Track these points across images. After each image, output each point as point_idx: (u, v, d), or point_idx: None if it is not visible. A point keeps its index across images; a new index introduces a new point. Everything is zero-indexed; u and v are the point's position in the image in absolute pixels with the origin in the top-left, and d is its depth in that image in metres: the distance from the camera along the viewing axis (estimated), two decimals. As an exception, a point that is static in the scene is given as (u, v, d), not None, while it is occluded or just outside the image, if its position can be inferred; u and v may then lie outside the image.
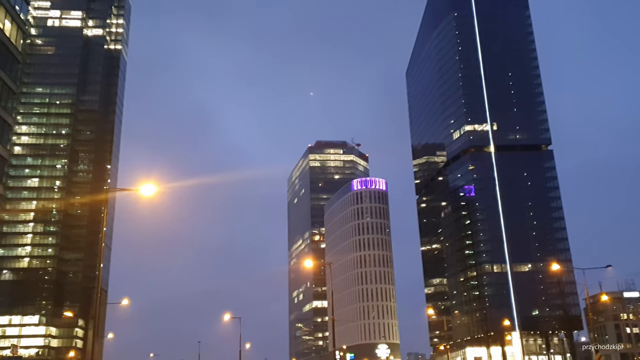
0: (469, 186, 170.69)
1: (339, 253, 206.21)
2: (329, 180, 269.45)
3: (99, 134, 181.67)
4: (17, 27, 66.77)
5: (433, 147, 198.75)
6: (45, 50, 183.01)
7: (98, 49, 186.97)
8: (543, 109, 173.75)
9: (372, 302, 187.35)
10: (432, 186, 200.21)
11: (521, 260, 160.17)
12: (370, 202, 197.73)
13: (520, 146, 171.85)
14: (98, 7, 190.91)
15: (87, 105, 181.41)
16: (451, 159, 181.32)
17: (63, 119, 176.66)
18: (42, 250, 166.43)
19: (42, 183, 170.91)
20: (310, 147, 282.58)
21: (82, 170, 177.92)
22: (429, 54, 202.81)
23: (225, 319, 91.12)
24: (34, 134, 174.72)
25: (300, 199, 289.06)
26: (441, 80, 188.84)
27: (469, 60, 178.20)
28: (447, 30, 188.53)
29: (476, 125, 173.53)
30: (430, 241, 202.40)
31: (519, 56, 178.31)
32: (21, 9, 68.10)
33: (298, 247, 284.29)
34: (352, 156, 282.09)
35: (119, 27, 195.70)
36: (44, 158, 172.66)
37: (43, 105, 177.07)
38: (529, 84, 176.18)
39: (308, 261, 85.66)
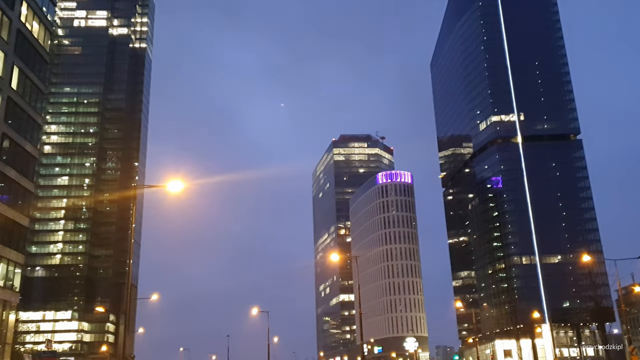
0: (496, 178, 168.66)
1: (365, 247, 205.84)
2: (353, 174, 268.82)
3: (126, 132, 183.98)
4: (45, 28, 67.80)
5: (459, 138, 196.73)
6: (72, 50, 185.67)
7: (123, 47, 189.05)
8: (571, 98, 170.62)
9: (400, 296, 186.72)
10: (458, 178, 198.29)
11: (550, 252, 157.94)
12: (396, 195, 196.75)
13: (548, 136, 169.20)
14: (123, 7, 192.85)
15: (114, 103, 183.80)
16: (478, 150, 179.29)
17: (91, 117, 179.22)
18: (73, 247, 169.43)
19: (71, 181, 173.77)
20: (334, 141, 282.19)
21: (110, 168, 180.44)
22: (454, 45, 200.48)
23: (253, 313, 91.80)
24: (62, 133, 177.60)
25: (325, 193, 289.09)
26: (466, 70, 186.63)
27: (494, 49, 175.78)
28: (471, 20, 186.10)
29: (503, 116, 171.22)
30: (457, 234, 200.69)
31: (545, 44, 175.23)
32: (48, 10, 69.12)
33: (324, 241, 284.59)
34: (377, 149, 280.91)
35: (143, 26, 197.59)
36: (73, 156, 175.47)
37: (71, 104, 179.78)
38: (557, 73, 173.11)
39: (334, 255, 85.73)
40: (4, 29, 58.39)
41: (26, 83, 62.83)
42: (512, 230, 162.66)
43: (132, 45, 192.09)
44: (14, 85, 60.15)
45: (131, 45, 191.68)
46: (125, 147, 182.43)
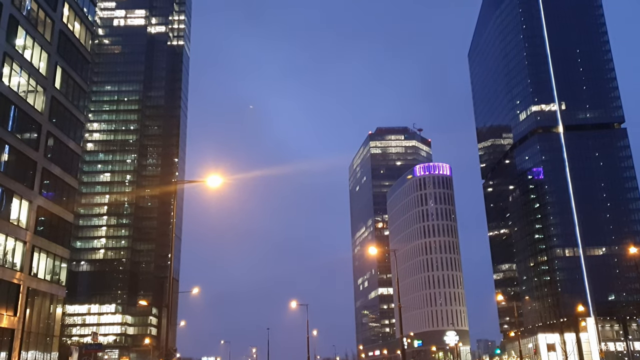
0: (537, 168, 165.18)
1: (403, 240, 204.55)
2: (390, 166, 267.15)
3: (165, 128, 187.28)
4: (86, 28, 69.29)
5: (499, 129, 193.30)
6: (112, 49, 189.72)
7: (161, 45, 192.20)
8: (615, 86, 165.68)
9: (440, 289, 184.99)
10: (498, 170, 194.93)
11: (595, 244, 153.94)
12: (434, 187, 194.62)
13: (591, 125, 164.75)
14: (160, 5, 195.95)
15: (154, 101, 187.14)
16: (518, 141, 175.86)
17: (131, 115, 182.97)
18: (116, 242, 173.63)
19: (113, 177, 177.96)
20: (370, 134, 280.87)
21: (151, 164, 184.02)
22: (492, 34, 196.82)
23: (292, 306, 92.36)
24: (104, 131, 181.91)
25: (362, 186, 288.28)
26: (505, 60, 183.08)
27: (533, 38, 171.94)
28: (510, 8, 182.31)
29: (543, 105, 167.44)
30: (498, 226, 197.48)
31: (586, 31, 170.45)
32: (89, 10, 70.59)
33: (361, 234, 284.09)
34: (414, 142, 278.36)
35: (180, 24, 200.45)
36: (115, 153, 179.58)
37: (112, 102, 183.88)
38: (599, 60, 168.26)
39: (372, 248, 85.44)
40: (47, 30, 59.91)
41: (69, 82, 64.37)
42: (555, 222, 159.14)
43: (170, 43, 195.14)
44: (58, 84, 61.70)
45: (169, 43, 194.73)
46: (165, 143, 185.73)
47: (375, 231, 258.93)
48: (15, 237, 52.46)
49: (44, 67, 58.97)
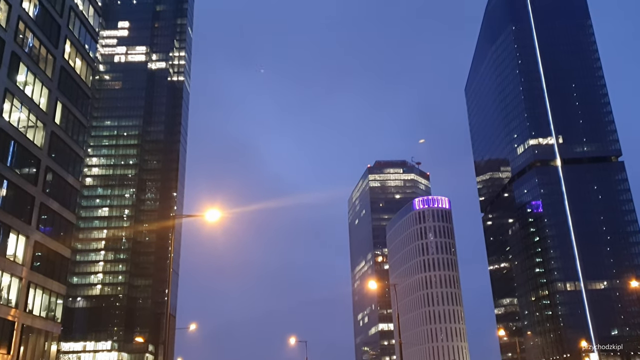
0: (536, 202, 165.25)
1: (403, 274, 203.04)
2: (389, 200, 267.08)
3: (164, 162, 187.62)
4: (87, 64, 69.98)
5: (497, 162, 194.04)
6: (112, 84, 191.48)
7: (162, 81, 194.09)
8: (611, 120, 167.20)
9: (440, 325, 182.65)
10: (497, 203, 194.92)
11: (596, 278, 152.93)
12: (434, 221, 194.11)
13: (589, 159, 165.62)
14: (161, 42, 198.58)
15: (153, 135, 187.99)
16: (516, 174, 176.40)
17: (131, 149, 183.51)
18: (113, 277, 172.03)
19: (112, 212, 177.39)
20: (369, 168, 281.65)
21: (149, 199, 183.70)
22: (488, 69, 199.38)
23: (291, 342, 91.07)
24: (103, 165, 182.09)
25: (361, 220, 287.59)
26: (502, 94, 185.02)
27: (529, 72, 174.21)
28: (505, 43, 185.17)
29: (541, 139, 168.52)
30: (498, 260, 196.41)
31: (582, 66, 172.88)
32: (90, 47, 71.40)
33: (361, 268, 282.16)
34: (413, 175, 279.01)
35: (181, 60, 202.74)
36: (114, 188, 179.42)
37: (112, 137, 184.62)
38: (594, 94, 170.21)
39: (372, 282, 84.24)
40: (48, 66, 60.47)
41: (69, 118, 64.66)
42: (555, 256, 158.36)
43: (170, 79, 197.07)
44: (58, 120, 61.96)
45: (169, 78, 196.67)
46: (164, 177, 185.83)
47: (375, 265, 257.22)
48: (11, 273, 51.90)
49: (44, 102, 59.30)
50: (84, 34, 69.53)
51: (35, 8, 58.39)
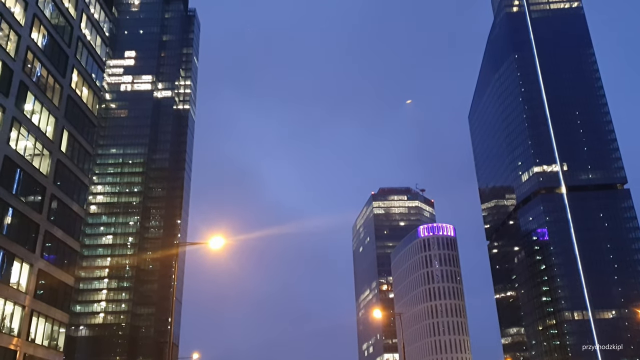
0: (542, 229, 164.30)
1: (408, 303, 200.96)
2: (394, 227, 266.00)
3: (169, 190, 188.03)
4: (93, 93, 70.71)
5: (501, 190, 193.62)
6: (118, 113, 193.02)
7: (167, 109, 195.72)
8: (615, 147, 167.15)
9: (447, 355, 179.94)
10: (503, 231, 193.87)
11: (604, 307, 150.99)
12: (439, 249, 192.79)
13: (594, 186, 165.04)
14: (167, 71, 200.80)
15: (158, 163, 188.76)
16: (521, 201, 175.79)
17: (136, 177, 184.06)
18: (116, 305, 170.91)
19: (116, 240, 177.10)
20: (373, 195, 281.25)
21: (153, 226, 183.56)
22: (491, 96, 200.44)
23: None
24: (108, 193, 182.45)
25: (365, 247, 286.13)
26: (505, 122, 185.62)
27: (533, 100, 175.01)
28: (508, 72, 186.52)
29: (545, 166, 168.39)
30: (504, 288, 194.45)
31: (585, 93, 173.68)
32: (97, 76, 72.24)
33: (366, 297, 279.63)
34: (417, 202, 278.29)
35: (186, 88, 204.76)
36: (118, 216, 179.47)
37: (117, 165, 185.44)
38: (598, 121, 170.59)
39: (377, 311, 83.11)
40: (55, 95, 61.11)
41: (75, 146, 65.07)
42: (562, 284, 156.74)
43: (175, 107, 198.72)
44: (64, 148, 62.33)
45: (175, 106, 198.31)
46: (169, 205, 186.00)
47: (380, 294, 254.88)
48: (14, 302, 51.61)
49: (50, 131, 59.75)
50: (91, 64, 70.42)
51: (44, 38, 59.27)
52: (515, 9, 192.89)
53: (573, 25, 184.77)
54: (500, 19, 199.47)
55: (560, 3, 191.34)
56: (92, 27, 71.13)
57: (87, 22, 69.60)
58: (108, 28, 77.41)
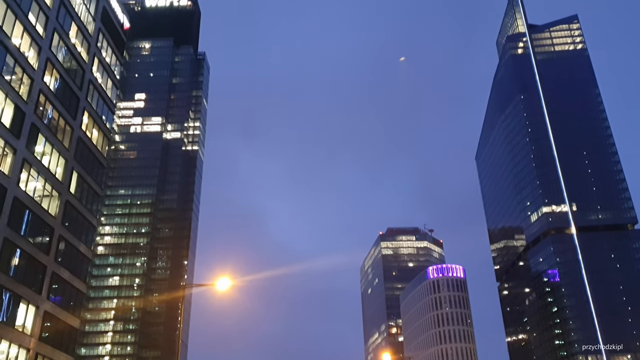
0: (552, 271, 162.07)
1: (418, 347, 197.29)
2: (403, 268, 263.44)
3: (177, 231, 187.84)
4: (103, 135, 71.52)
5: (511, 230, 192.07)
6: (127, 154, 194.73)
7: (176, 150, 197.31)
8: (625, 187, 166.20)
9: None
10: (513, 272, 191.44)
11: (619, 350, 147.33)
12: (449, 290, 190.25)
13: (604, 226, 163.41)
14: (177, 112, 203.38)
15: (166, 204, 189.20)
16: (531, 242, 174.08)
17: (143, 218, 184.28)
18: (122, 348, 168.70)
19: (122, 282, 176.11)
20: (381, 235, 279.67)
21: (160, 267, 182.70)
22: (498, 137, 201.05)
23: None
24: (116, 234, 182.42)
25: (374, 289, 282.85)
26: (513, 162, 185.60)
27: (540, 140, 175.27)
28: (514, 112, 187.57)
29: (554, 207, 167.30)
30: (515, 331, 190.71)
31: (592, 133, 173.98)
32: (107, 118, 73.19)
33: (375, 340, 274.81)
34: (426, 242, 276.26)
35: (195, 130, 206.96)
36: (125, 257, 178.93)
37: (125, 206, 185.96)
38: (606, 161, 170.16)
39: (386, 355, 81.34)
40: (66, 137, 61.83)
41: (84, 187, 65.44)
42: (575, 327, 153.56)
43: (184, 148, 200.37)
44: (73, 189, 62.68)
45: (184, 147, 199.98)
46: (176, 246, 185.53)
47: (389, 337, 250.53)
48: (19, 344, 51.01)
49: (60, 172, 60.21)
50: (102, 106, 71.45)
51: (56, 81, 60.34)
52: (520, 51, 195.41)
53: (578, 66, 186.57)
54: (506, 60, 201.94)
55: (564, 45, 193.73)
56: (103, 70, 72.48)
57: (98, 65, 70.96)
58: (119, 71, 78.82)
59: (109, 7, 75.27)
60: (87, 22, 68.37)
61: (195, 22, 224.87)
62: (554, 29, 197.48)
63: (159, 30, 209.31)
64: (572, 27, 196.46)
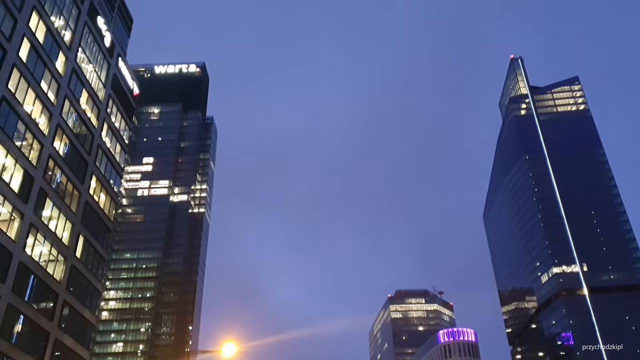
0: (566, 333, 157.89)
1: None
2: (413, 332, 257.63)
3: (182, 295, 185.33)
4: (111, 199, 71.81)
5: (521, 292, 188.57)
6: (134, 217, 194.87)
7: (183, 213, 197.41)
8: (635, 246, 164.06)
9: None
10: (525, 335, 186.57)
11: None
12: (460, 355, 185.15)
13: (616, 287, 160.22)
14: (184, 176, 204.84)
15: (172, 267, 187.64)
16: (543, 304, 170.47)
17: (148, 282, 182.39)
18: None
19: (126, 348, 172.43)
20: (390, 298, 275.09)
21: (165, 333, 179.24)
22: (505, 197, 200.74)
23: None
24: (120, 299, 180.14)
25: (383, 354, 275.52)
26: (521, 222, 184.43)
27: (547, 200, 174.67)
28: (520, 172, 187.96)
29: (564, 267, 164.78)
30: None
31: (599, 193, 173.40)
32: (115, 182, 73.71)
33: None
34: (436, 305, 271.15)
35: (202, 192, 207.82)
36: (129, 322, 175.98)
37: (130, 270, 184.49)
38: (615, 221, 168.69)
39: None
40: (73, 201, 62.08)
41: (90, 251, 65.13)
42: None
43: (191, 211, 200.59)
44: (78, 254, 62.36)
45: (190, 210, 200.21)
46: (180, 311, 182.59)
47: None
48: (17, 416, 49.43)
49: (67, 236, 60.09)
50: (110, 170, 72.11)
51: (66, 146, 61.13)
52: (523, 112, 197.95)
53: (581, 126, 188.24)
54: (509, 121, 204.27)
55: (567, 106, 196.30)
56: (112, 135, 73.60)
57: (108, 130, 72.10)
58: (128, 136, 79.98)
59: (120, 74, 77.25)
60: (98, 89, 69.98)
61: (203, 88, 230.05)
62: (556, 90, 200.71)
63: (168, 96, 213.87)
64: (574, 89, 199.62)
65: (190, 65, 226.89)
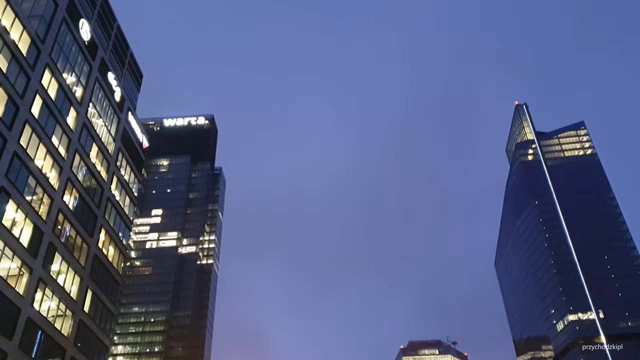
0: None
1: None
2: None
3: (190, 349, 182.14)
4: (119, 252, 71.63)
5: (537, 340, 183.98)
6: (143, 270, 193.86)
7: (191, 264, 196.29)
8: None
9: None
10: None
11: None
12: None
13: (635, 334, 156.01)
14: (192, 227, 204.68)
15: (180, 321, 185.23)
16: (560, 352, 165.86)
17: (157, 337, 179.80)
18: None
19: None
20: (402, 349, 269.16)
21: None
22: (516, 243, 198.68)
23: None
24: (128, 354, 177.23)
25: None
26: (533, 268, 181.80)
27: (559, 246, 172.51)
28: (530, 218, 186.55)
29: (580, 314, 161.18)
30: None
31: (611, 238, 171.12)
32: (124, 235, 73.67)
33: None
34: (450, 356, 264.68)
35: (211, 243, 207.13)
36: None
37: (138, 324, 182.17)
38: (629, 266, 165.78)
39: None
40: (82, 255, 61.95)
41: (98, 305, 64.52)
42: None
43: (199, 262, 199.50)
44: (87, 308, 61.76)
45: (198, 262, 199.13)
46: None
47: None
48: None
49: (75, 291, 59.66)
50: (119, 223, 72.20)
51: (75, 200, 61.47)
52: (531, 157, 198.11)
53: (590, 171, 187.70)
54: (517, 167, 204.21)
55: (574, 150, 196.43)
56: (122, 188, 74.04)
57: (117, 184, 72.60)
58: (137, 188, 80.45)
59: (129, 128, 78.36)
60: (108, 143, 70.87)
61: (212, 139, 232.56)
62: (562, 135, 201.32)
63: (177, 148, 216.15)
64: (580, 133, 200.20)
65: (199, 117, 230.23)
